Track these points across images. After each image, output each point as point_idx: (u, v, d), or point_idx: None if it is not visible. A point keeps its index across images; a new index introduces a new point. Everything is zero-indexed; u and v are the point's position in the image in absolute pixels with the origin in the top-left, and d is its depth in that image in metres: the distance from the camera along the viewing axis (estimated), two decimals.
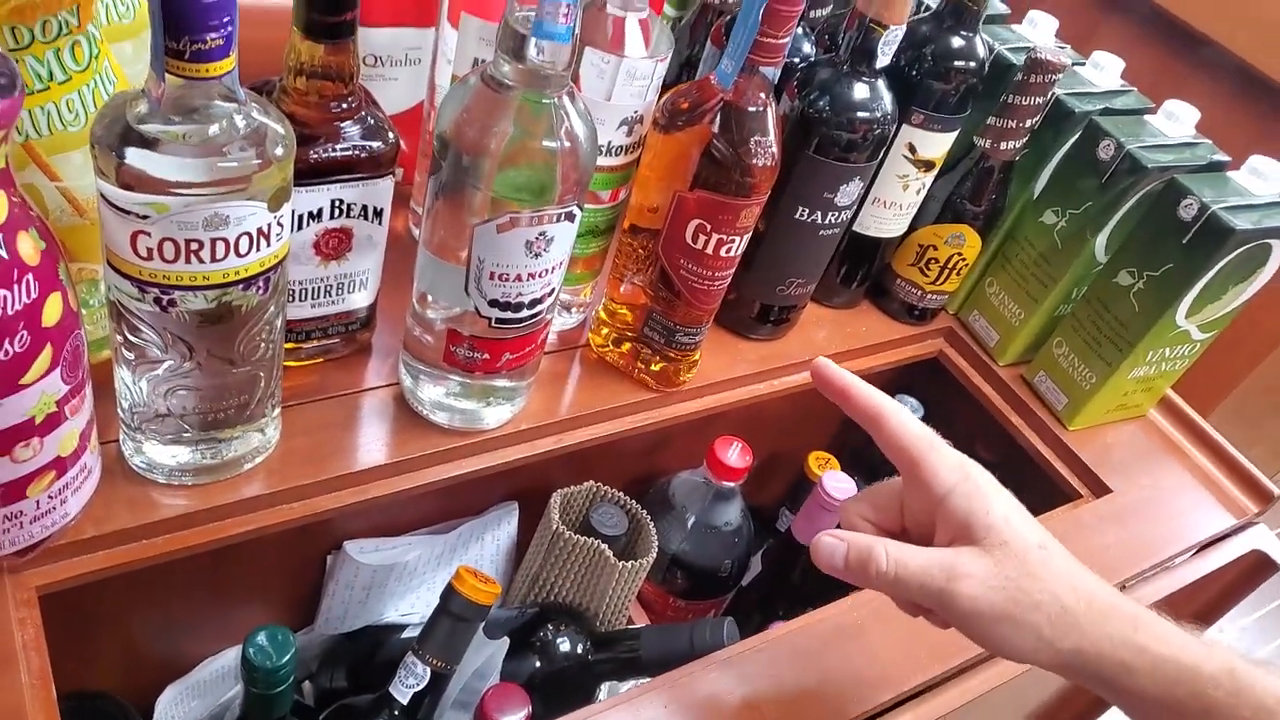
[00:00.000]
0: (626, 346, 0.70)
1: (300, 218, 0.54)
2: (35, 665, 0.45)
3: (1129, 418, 0.84)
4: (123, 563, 0.51)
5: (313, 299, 0.59)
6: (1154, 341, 0.74)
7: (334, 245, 0.57)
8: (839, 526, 0.49)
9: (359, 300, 0.61)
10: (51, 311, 0.40)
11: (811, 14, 0.75)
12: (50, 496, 0.45)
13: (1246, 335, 1.10)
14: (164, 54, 0.39)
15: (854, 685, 0.56)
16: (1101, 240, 0.76)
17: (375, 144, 0.54)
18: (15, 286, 0.38)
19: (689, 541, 0.77)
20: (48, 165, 0.47)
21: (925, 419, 0.74)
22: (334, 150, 0.53)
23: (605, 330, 0.71)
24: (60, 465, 0.45)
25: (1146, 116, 0.77)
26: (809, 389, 0.79)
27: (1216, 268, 0.69)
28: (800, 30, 0.73)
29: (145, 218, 0.41)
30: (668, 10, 0.82)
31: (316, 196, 0.54)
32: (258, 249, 0.45)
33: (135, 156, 0.40)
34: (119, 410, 0.52)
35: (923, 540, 0.46)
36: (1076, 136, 0.76)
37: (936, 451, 0.46)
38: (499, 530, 0.73)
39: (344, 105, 0.53)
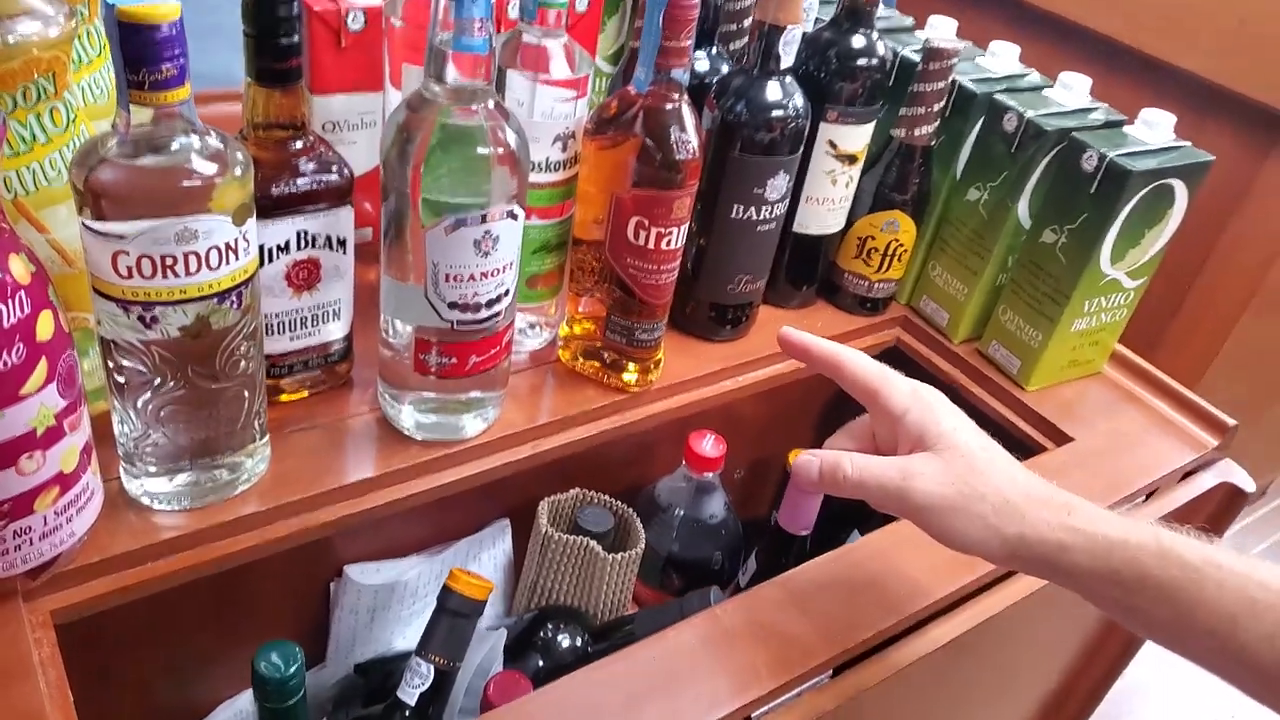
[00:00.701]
0: (595, 363, 0.74)
1: (270, 251, 0.59)
2: (53, 677, 0.48)
3: (1084, 375, 0.87)
4: (130, 585, 0.54)
5: (290, 331, 0.63)
6: (1087, 291, 0.79)
7: (304, 276, 0.62)
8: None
9: (335, 331, 0.66)
10: (44, 327, 0.45)
11: (732, 45, 0.82)
12: (56, 513, 0.49)
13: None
14: (126, 87, 0.44)
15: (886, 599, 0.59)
16: (1023, 206, 0.81)
17: (331, 177, 0.60)
18: (9, 302, 0.43)
19: (678, 540, 0.79)
20: (36, 219, 0.52)
21: None
22: (294, 185, 0.58)
23: (573, 345, 0.75)
24: (63, 481, 0.49)
25: (1045, 91, 0.83)
26: (779, 385, 0.84)
27: (1124, 211, 0.74)
28: (716, 51, 0.81)
29: (122, 237, 0.46)
30: (601, 65, 0.90)
31: (282, 228, 0.59)
32: (227, 262, 0.50)
33: (108, 176, 0.45)
34: (118, 444, 0.56)
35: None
36: (983, 116, 0.82)
37: (890, 381, 0.54)
38: (494, 548, 0.75)
39: (299, 144, 0.59)
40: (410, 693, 0.60)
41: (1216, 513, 0.84)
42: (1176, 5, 1.09)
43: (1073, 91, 0.82)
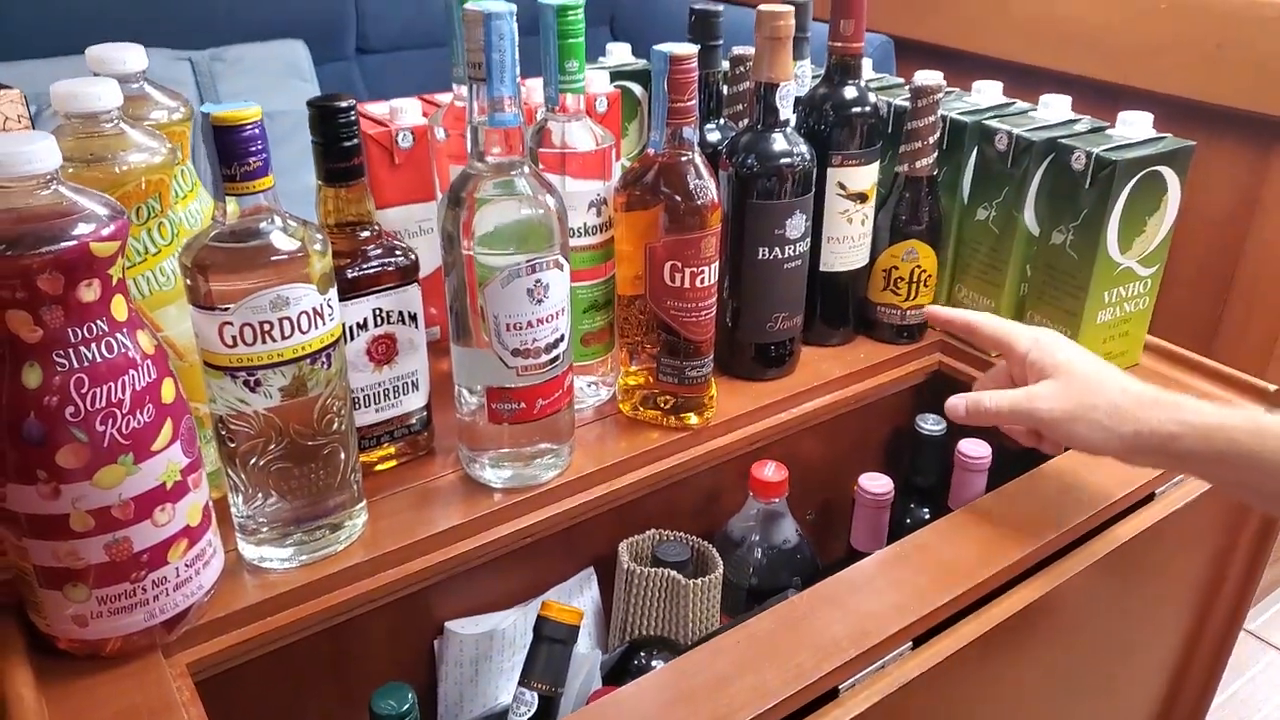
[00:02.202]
0: (654, 411, 0.80)
1: (350, 329, 0.66)
2: (195, 712, 0.53)
3: (1123, 367, 0.90)
4: (253, 637, 0.60)
5: (375, 404, 0.70)
6: (1103, 281, 0.83)
7: (383, 350, 0.69)
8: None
9: (414, 401, 0.73)
10: (168, 392, 0.52)
11: (739, 120, 0.91)
12: (187, 565, 0.55)
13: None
14: (222, 181, 0.53)
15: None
16: (1029, 215, 0.86)
17: (398, 259, 0.68)
18: (140, 368, 0.50)
19: (755, 571, 0.82)
20: (151, 319, 0.61)
21: (949, 431, 0.83)
22: (365, 268, 0.67)
23: (632, 397, 0.81)
24: (190, 534, 0.55)
25: (1029, 113, 0.90)
26: (832, 416, 0.89)
27: (1120, 200, 0.79)
28: (724, 122, 0.89)
29: (226, 309, 0.54)
30: (627, 152, 0.99)
31: (360, 308, 0.67)
32: (315, 326, 0.57)
33: (211, 256, 0.54)
34: (234, 519, 0.62)
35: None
36: (977, 142, 0.88)
37: (1013, 333, 0.69)
38: (582, 596, 0.79)
39: (367, 233, 0.67)
40: None
41: None
42: (1149, 39, 1.17)
43: (1054, 109, 0.89)
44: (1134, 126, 0.82)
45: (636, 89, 1.02)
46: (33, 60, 1.65)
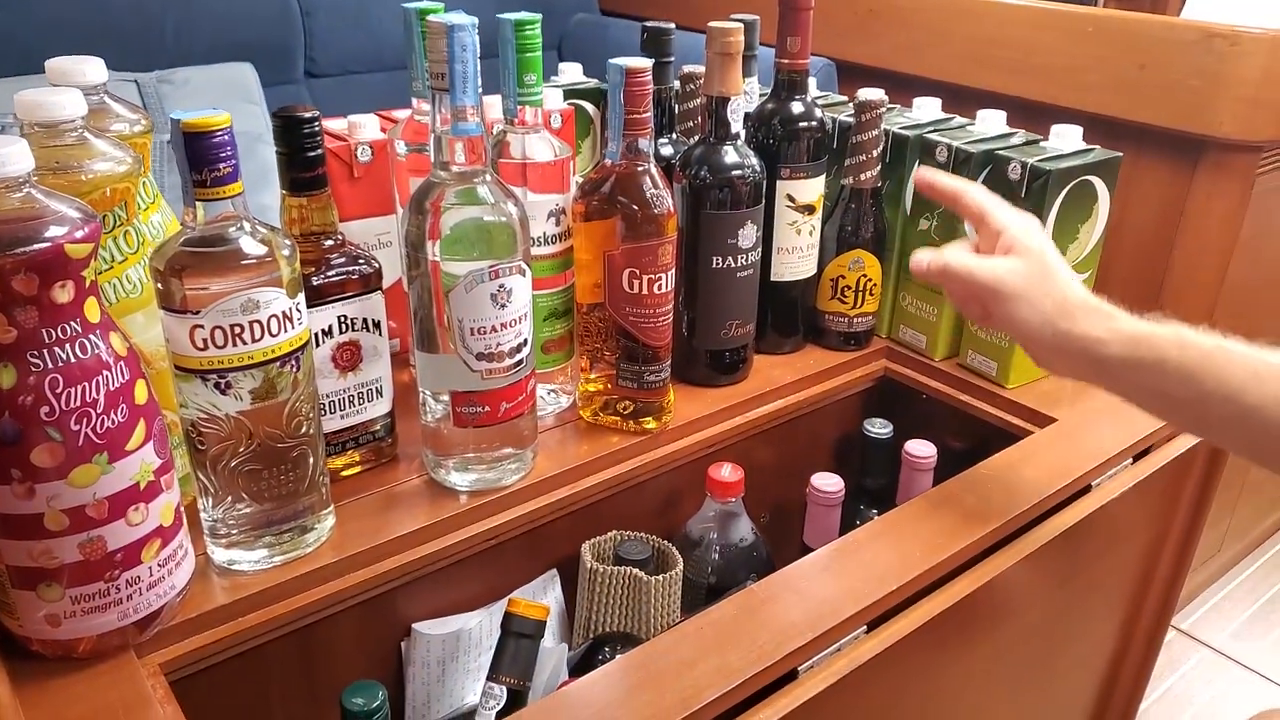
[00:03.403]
0: (613, 416, 0.82)
1: (316, 336, 0.68)
2: (170, 709, 0.53)
3: None
4: (225, 637, 0.60)
5: (340, 410, 0.71)
6: None
7: (348, 357, 0.70)
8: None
9: (379, 408, 0.74)
10: (140, 393, 0.53)
11: (691, 136, 0.94)
12: (160, 564, 0.56)
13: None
14: (192, 186, 0.54)
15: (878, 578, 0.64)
16: (968, 226, 0.90)
17: (361, 267, 0.70)
18: (112, 369, 0.51)
19: (714, 570, 0.84)
20: (119, 326, 0.61)
21: (896, 434, 0.86)
22: (330, 276, 0.68)
23: (591, 403, 0.83)
24: (163, 534, 0.56)
25: (967, 127, 0.95)
26: (784, 420, 0.92)
27: (1054, 209, 0.84)
28: (676, 137, 0.92)
29: (197, 313, 0.55)
30: (582, 168, 1.02)
31: (325, 315, 0.68)
32: (285, 330, 0.59)
33: (181, 260, 0.55)
34: (203, 523, 0.63)
35: None
36: (918, 156, 0.93)
37: (999, 209, 0.69)
38: (547, 597, 0.81)
39: (330, 241, 0.69)
40: (487, 715, 0.64)
41: (1208, 465, 0.89)
42: (1076, 60, 1.23)
43: (990, 123, 0.93)
44: (1066, 139, 0.87)
45: (589, 107, 1.05)
46: None
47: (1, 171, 0.46)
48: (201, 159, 0.54)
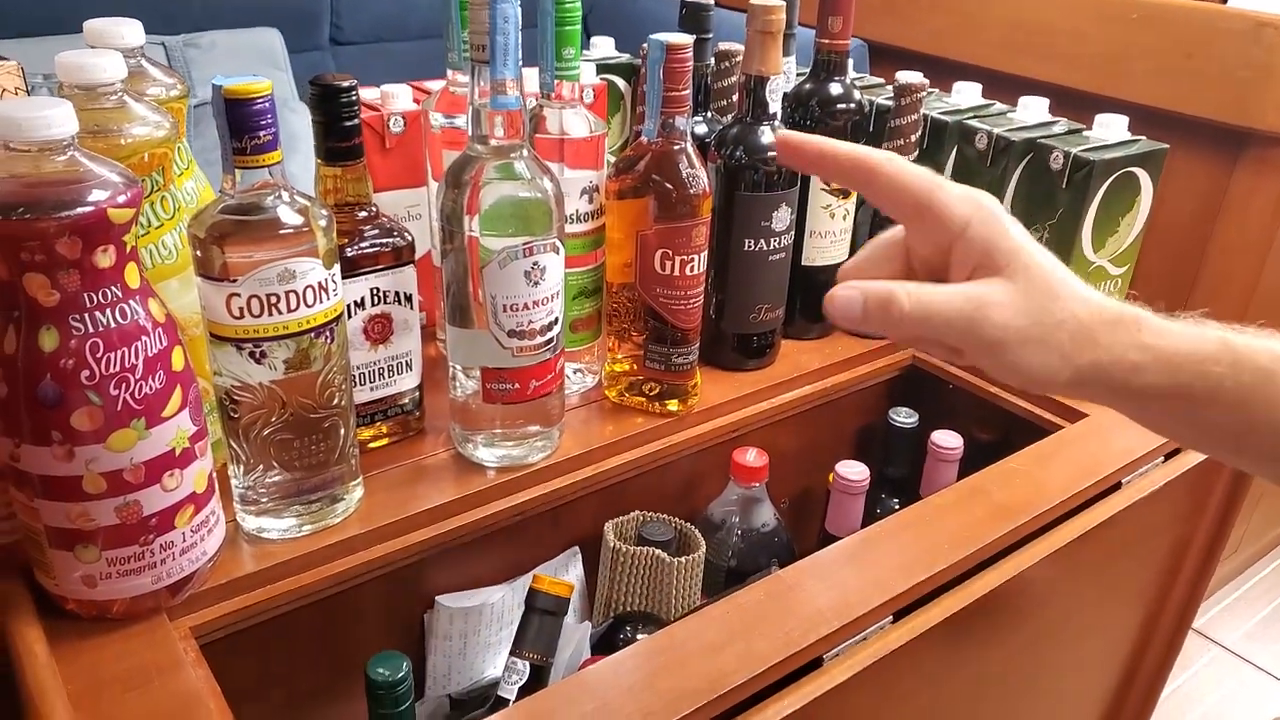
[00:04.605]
0: (639, 397, 0.82)
1: (348, 307, 0.67)
2: (201, 673, 0.54)
3: None
4: (254, 604, 0.61)
5: (371, 382, 0.71)
6: None
7: (379, 330, 0.70)
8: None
9: (408, 381, 0.74)
10: (177, 360, 0.53)
11: (724, 115, 0.93)
12: (193, 530, 0.56)
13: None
14: (232, 154, 0.54)
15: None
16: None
17: (394, 240, 0.69)
18: (151, 335, 0.51)
19: (735, 554, 0.84)
20: (156, 292, 0.61)
21: (921, 423, 0.85)
22: (363, 247, 0.68)
23: (618, 383, 0.83)
24: (197, 500, 0.56)
25: (1008, 115, 0.93)
26: (811, 407, 0.91)
27: (1095, 200, 0.83)
28: (711, 116, 0.91)
29: (234, 281, 0.55)
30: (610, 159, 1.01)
31: (358, 286, 0.68)
32: (320, 300, 0.58)
33: (219, 228, 0.55)
34: (234, 491, 0.63)
35: (935, 280, 0.46)
36: (957, 140, 0.91)
37: (944, 188, 0.45)
38: (568, 574, 0.81)
39: (365, 213, 0.68)
40: (510, 689, 0.64)
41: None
42: (1120, 48, 1.21)
43: (1032, 110, 0.92)
44: (1110, 129, 0.85)
45: (620, 82, 1.04)
46: (13, 40, 1.63)
47: (47, 134, 0.46)
48: (242, 126, 0.53)
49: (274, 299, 0.56)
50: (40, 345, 0.47)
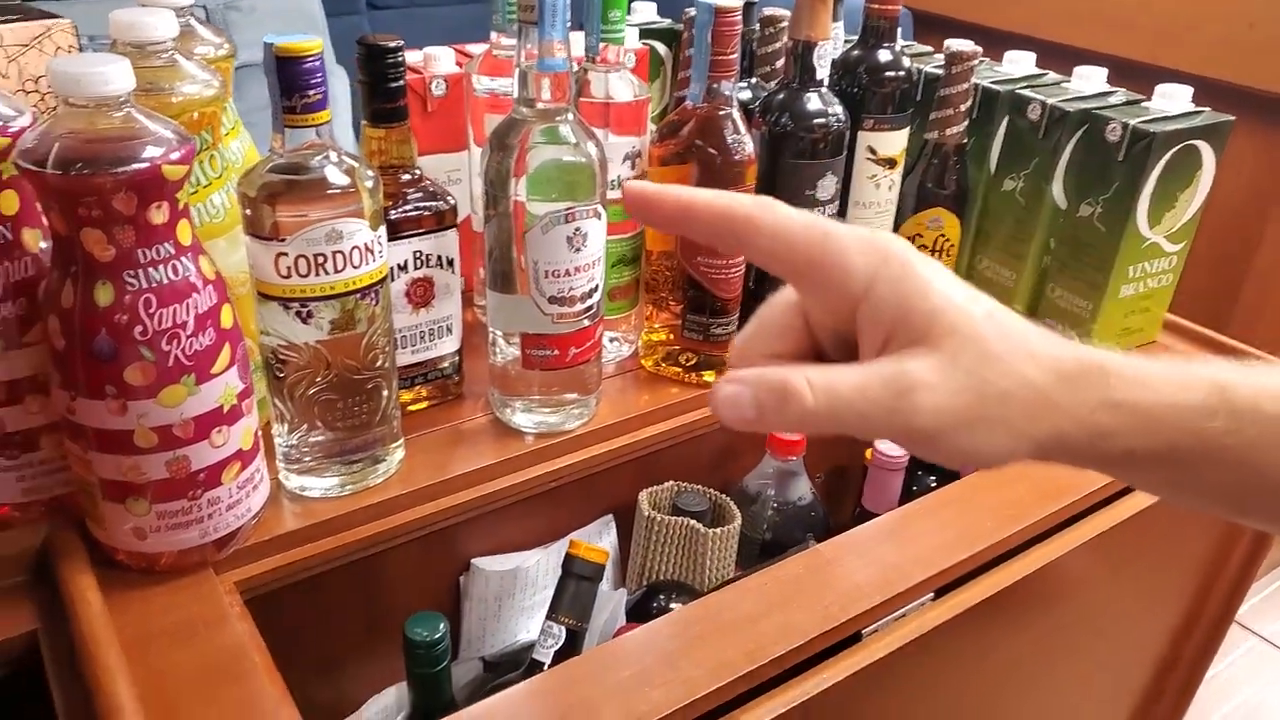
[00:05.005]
0: (675, 367, 0.81)
1: (391, 270, 0.68)
2: (245, 627, 0.55)
3: (1139, 344, 0.92)
4: (296, 561, 0.61)
5: (411, 345, 0.72)
6: (1129, 256, 0.84)
7: (421, 293, 0.70)
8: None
9: (448, 345, 0.74)
10: (226, 317, 0.53)
11: (769, 81, 0.91)
12: (239, 486, 0.57)
13: None
14: (281, 113, 0.54)
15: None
16: (1057, 188, 0.88)
17: (437, 204, 0.69)
18: (201, 292, 0.51)
19: (770, 527, 0.84)
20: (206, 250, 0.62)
21: None
22: (406, 210, 0.68)
23: (654, 352, 0.83)
24: (243, 457, 0.56)
25: (1063, 84, 0.91)
26: None
27: (1154, 173, 0.81)
28: (756, 81, 0.90)
29: (283, 240, 0.55)
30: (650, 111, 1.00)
31: (401, 250, 0.68)
32: (366, 262, 0.59)
33: (268, 187, 0.55)
34: (278, 450, 0.64)
35: (845, 355, 0.37)
36: (1009, 111, 0.89)
37: (835, 237, 0.35)
38: (602, 541, 0.81)
39: (408, 176, 0.68)
40: (545, 653, 0.65)
41: None
42: (1180, 18, 1.17)
43: (1090, 81, 0.89)
44: (1172, 100, 0.83)
45: (661, 48, 1.03)
46: (62, 1, 1.64)
47: (105, 90, 0.46)
48: (293, 84, 0.53)
49: (321, 259, 0.57)
50: (96, 300, 0.47)
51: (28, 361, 0.54)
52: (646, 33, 1.00)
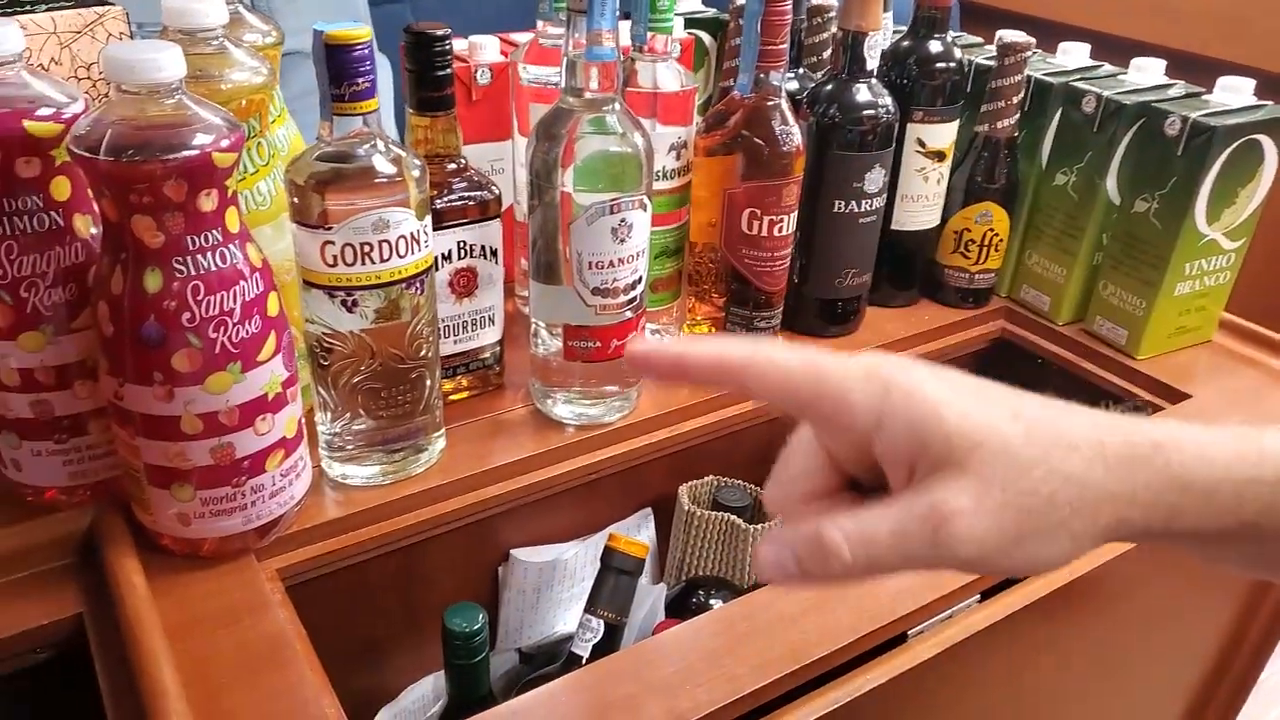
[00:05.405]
0: None
1: (435, 260, 0.67)
2: (287, 614, 0.55)
3: (1194, 343, 0.89)
4: (336, 550, 0.62)
5: (454, 335, 0.71)
6: (1186, 253, 0.82)
7: (464, 283, 0.70)
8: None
9: (490, 336, 0.74)
10: (273, 305, 0.53)
11: (816, 72, 0.90)
12: (282, 474, 0.57)
13: None
14: (330, 101, 0.54)
15: None
16: (1111, 182, 0.85)
17: (482, 194, 0.69)
18: (248, 280, 0.52)
19: None
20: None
21: None
22: (451, 200, 0.67)
23: None
24: (287, 445, 0.57)
25: (1120, 76, 0.89)
26: None
27: (1214, 168, 0.78)
28: (803, 72, 0.89)
29: (330, 228, 0.55)
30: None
31: (445, 240, 0.67)
32: (412, 251, 0.58)
33: (315, 176, 0.55)
34: (320, 437, 0.64)
35: (877, 477, 0.35)
36: (1062, 103, 0.87)
37: (833, 378, 0.34)
38: (640, 534, 0.81)
39: (454, 165, 0.68)
40: (584, 646, 0.65)
41: None
42: (1239, 9, 1.14)
43: (1147, 73, 0.87)
44: (1234, 93, 0.80)
45: (706, 38, 1.02)
46: None
47: (158, 77, 0.46)
48: (342, 73, 0.53)
49: (367, 248, 0.56)
50: (145, 286, 0.48)
51: (77, 347, 0.54)
52: (691, 22, 0.99)
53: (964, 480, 0.32)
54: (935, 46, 0.84)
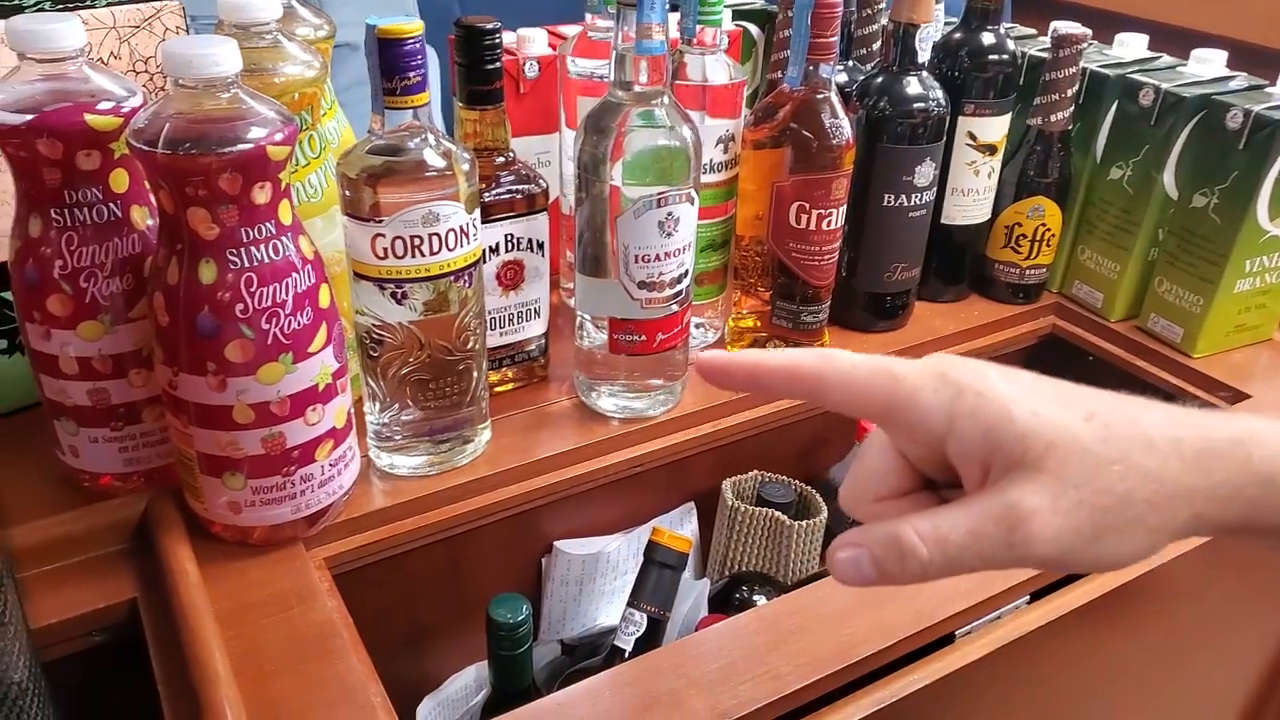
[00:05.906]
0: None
1: (483, 252, 0.68)
2: (334, 603, 0.56)
3: (1253, 341, 0.87)
4: (381, 540, 0.62)
5: (500, 327, 0.72)
6: (1246, 249, 0.80)
7: (511, 276, 0.70)
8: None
9: (535, 328, 0.74)
10: (324, 297, 0.54)
11: (866, 64, 0.89)
12: (331, 464, 0.57)
13: None
14: (382, 94, 0.54)
15: None
16: (1168, 177, 0.83)
17: (530, 187, 0.69)
18: (300, 272, 0.52)
19: (857, 520, 0.82)
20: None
21: None
22: (499, 194, 0.67)
23: (741, 339, 0.81)
24: (336, 435, 0.57)
25: (1178, 68, 0.86)
26: None
27: (1278, 163, 0.76)
28: (853, 64, 0.88)
29: (380, 221, 0.55)
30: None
31: (493, 232, 0.68)
32: (461, 245, 0.59)
33: (366, 168, 0.55)
34: (369, 427, 0.65)
35: (951, 477, 0.35)
36: (1118, 97, 0.85)
37: (905, 382, 0.34)
38: (683, 529, 0.80)
39: (502, 159, 0.68)
40: (626, 640, 0.65)
41: None
42: None
43: (1208, 65, 0.85)
44: None
45: (754, 29, 1.01)
46: None
47: (215, 71, 0.46)
48: (393, 66, 0.53)
49: (417, 241, 0.57)
50: (199, 278, 0.48)
51: (132, 336, 0.55)
52: (739, 14, 0.98)
53: (1039, 480, 0.32)
54: (988, 38, 0.83)
